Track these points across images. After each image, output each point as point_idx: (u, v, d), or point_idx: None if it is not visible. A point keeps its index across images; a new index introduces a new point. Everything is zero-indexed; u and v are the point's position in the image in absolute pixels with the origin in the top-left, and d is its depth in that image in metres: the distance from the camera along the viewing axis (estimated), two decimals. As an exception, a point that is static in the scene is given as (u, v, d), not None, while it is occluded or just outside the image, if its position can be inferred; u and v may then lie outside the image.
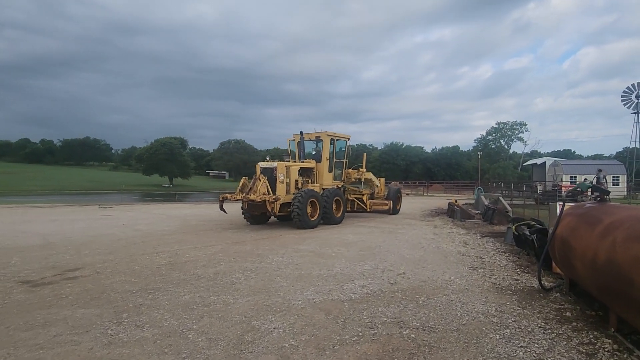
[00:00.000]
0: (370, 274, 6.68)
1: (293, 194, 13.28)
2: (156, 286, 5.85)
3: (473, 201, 28.99)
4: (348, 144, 16.49)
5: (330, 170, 15.42)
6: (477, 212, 18.04)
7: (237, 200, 13.17)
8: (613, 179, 34.11)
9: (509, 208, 16.74)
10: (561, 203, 6.94)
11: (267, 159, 14.45)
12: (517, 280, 6.31)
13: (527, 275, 6.63)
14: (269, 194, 12.69)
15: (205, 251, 8.66)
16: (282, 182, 13.26)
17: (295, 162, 14.86)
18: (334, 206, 14.36)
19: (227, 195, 13.55)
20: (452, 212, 17.01)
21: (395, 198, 18.57)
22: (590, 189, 5.47)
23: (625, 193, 34.07)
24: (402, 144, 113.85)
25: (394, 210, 18.10)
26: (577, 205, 5.69)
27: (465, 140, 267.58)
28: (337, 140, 15.70)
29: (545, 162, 40.53)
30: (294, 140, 15.75)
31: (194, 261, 7.59)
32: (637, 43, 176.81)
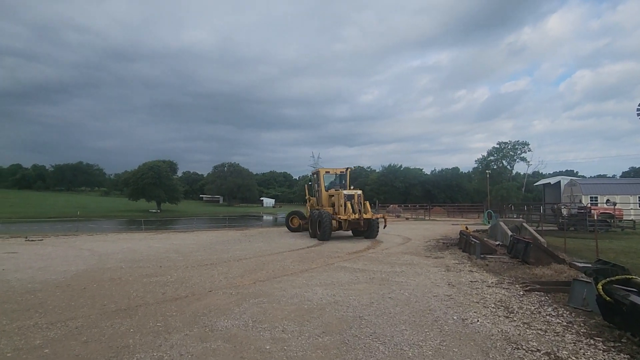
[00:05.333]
0: None
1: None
2: None
3: (484, 227, 25.02)
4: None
5: None
6: (497, 243, 14.03)
7: (350, 219, 16.43)
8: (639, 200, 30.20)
9: (541, 238, 12.77)
10: None
11: (351, 187, 18.55)
12: None
13: None
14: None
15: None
16: (359, 204, 17.03)
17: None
18: None
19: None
20: (466, 245, 12.99)
21: None
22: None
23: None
24: (401, 166, 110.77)
25: None
26: None
27: (464, 162, 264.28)
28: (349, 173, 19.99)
29: (559, 182, 36.66)
30: (315, 173, 20.23)
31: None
32: (631, 66, 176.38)
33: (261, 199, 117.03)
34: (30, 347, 4.35)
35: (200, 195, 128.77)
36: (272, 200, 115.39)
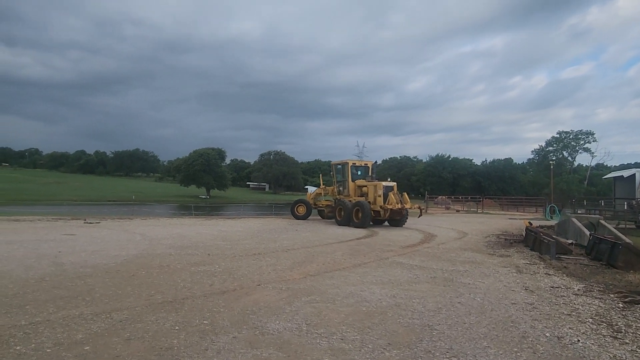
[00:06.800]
0: None
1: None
2: None
3: (547, 222, 23.05)
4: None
5: None
6: (570, 242, 12.55)
7: (395, 208, 17.60)
8: None
9: (625, 238, 11.21)
10: None
11: (388, 179, 19.90)
12: None
13: None
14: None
15: None
16: (398, 195, 18.34)
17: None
18: None
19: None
20: (535, 243, 11.70)
21: None
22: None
23: None
24: (449, 156, 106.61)
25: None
26: None
27: (517, 152, 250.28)
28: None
29: (634, 175, 33.03)
30: (339, 164, 21.09)
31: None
32: None
33: (306, 187, 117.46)
34: (71, 342, 4.03)
35: (247, 183, 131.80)
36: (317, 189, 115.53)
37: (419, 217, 20.80)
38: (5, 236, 12.31)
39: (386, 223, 19.25)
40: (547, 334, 4.54)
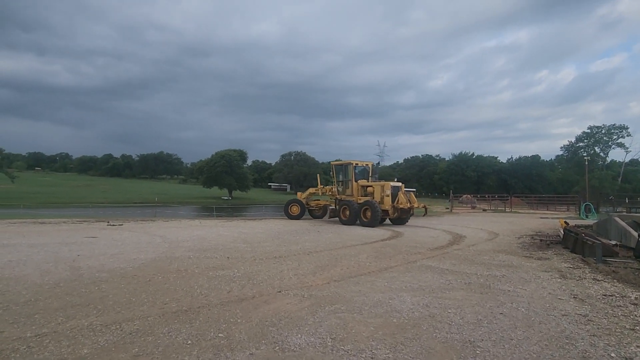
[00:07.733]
0: None
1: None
2: None
3: (584, 222, 21.81)
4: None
5: None
6: (613, 243, 11.61)
7: (405, 207, 18.36)
8: None
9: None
10: None
11: (395, 179, 21.22)
12: None
13: None
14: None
15: None
16: (405, 195, 18.99)
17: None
18: None
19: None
20: (576, 244, 10.83)
21: None
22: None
23: None
24: (473, 154, 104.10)
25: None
26: None
27: (544, 149, 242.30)
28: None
29: (676, 170, 31.10)
30: (340, 165, 21.62)
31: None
32: None
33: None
34: (75, 358, 3.69)
35: (269, 184, 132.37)
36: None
37: (424, 215, 22.08)
38: (28, 239, 12.36)
39: (387, 221, 19.79)
40: (612, 354, 3.90)
